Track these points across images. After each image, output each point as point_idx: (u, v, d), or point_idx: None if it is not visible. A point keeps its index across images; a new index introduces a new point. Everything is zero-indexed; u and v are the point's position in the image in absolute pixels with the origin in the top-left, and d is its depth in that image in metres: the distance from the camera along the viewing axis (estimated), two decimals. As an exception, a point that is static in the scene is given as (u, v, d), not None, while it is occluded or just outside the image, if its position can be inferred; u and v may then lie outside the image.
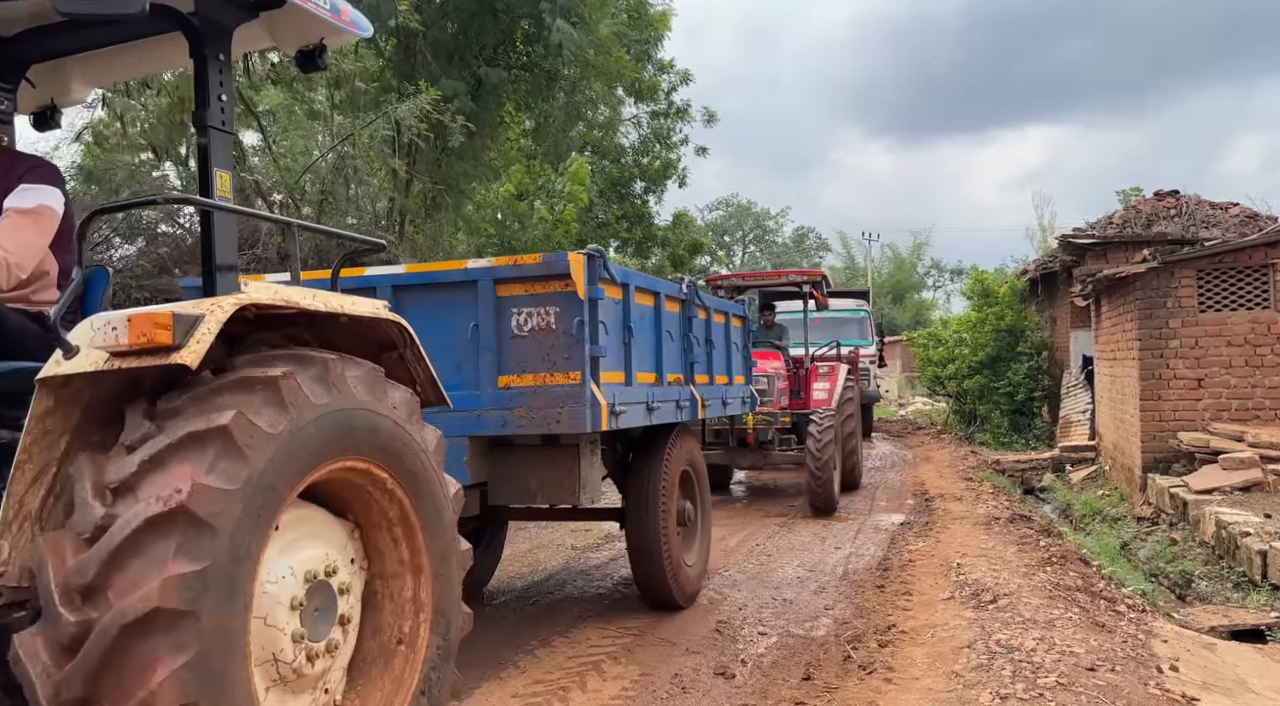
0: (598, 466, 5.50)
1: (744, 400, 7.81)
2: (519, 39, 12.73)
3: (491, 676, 4.92)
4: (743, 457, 10.79)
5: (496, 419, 4.83)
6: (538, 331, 4.81)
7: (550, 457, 5.22)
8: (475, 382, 4.88)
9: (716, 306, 7.19)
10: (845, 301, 20.92)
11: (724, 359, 7.32)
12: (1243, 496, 8.79)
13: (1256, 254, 10.47)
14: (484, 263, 4.97)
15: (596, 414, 4.74)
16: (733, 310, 7.74)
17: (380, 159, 10.92)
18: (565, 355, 4.75)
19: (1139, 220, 16.22)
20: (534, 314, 4.81)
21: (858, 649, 5.20)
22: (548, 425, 4.75)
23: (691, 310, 6.42)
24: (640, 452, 6.10)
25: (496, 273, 4.88)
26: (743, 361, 8.03)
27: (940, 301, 55.50)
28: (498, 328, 4.87)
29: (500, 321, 4.88)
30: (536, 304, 4.82)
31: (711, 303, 7.08)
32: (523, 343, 4.84)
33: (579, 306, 4.74)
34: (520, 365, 4.83)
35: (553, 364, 4.77)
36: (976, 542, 7.70)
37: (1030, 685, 4.08)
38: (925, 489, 11.65)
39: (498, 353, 4.87)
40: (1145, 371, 10.72)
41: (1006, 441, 18.07)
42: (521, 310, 4.84)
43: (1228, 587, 7.33)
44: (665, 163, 20.52)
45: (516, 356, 4.84)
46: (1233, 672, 5.04)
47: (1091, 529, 10.57)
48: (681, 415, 6.07)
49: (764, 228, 59.71)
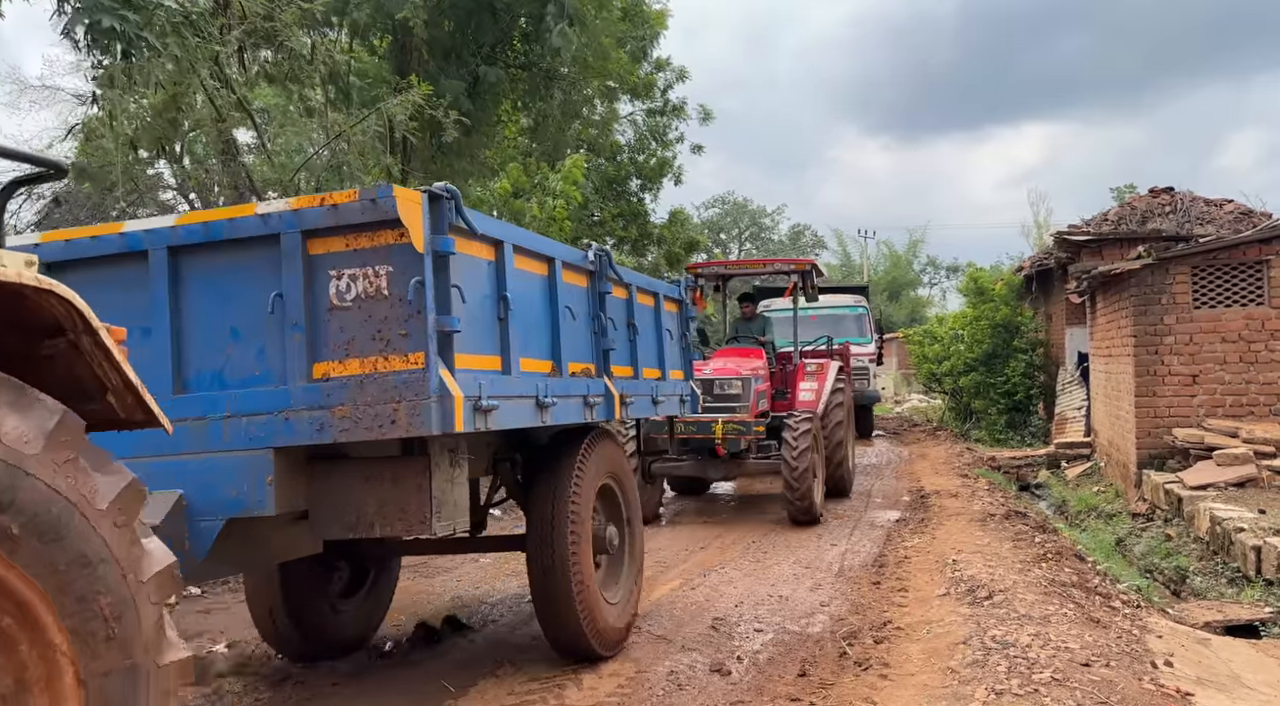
0: (461, 482, 4.20)
1: (682, 399, 6.65)
2: (516, 38, 12.73)
3: (488, 674, 4.92)
4: (714, 468, 9.77)
5: (310, 422, 3.61)
6: (365, 300, 3.62)
7: (390, 473, 3.97)
8: (281, 374, 3.70)
9: (642, 284, 6.07)
10: (843, 297, 20.12)
11: (653, 348, 6.19)
12: (1237, 492, 8.81)
13: (1251, 250, 10.48)
14: (283, 205, 3.73)
15: (448, 410, 3.57)
16: (664, 291, 6.49)
17: (375, 155, 10.91)
18: (402, 330, 3.57)
19: (1134, 217, 16.25)
20: (359, 277, 3.63)
21: (853, 645, 5.20)
22: (379, 427, 3.54)
23: (603, 285, 5.26)
24: (543, 463, 5.02)
25: (304, 219, 3.65)
26: (680, 354, 6.84)
27: (936, 299, 55.59)
28: (309, 297, 3.66)
29: (313, 288, 3.67)
30: (362, 262, 3.63)
31: (635, 279, 5.96)
32: (346, 316, 3.65)
33: (416, 263, 3.56)
34: (343, 347, 3.65)
35: (386, 343, 3.59)
36: (972, 539, 7.71)
37: (1025, 680, 4.08)
38: (921, 485, 11.66)
39: (310, 331, 3.67)
40: (1140, 368, 10.74)
41: (1002, 438, 18.10)
42: (342, 272, 3.64)
43: (1222, 583, 7.35)
44: (661, 161, 20.53)
45: (337, 335, 3.66)
46: (1227, 667, 5.05)
47: (1087, 525, 10.60)
48: (593, 414, 4.97)
49: (760, 225, 59.69)
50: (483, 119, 12.43)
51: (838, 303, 19.34)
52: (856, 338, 18.01)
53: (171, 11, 7.29)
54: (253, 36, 8.78)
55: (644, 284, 6.14)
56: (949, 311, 31.12)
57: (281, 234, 3.69)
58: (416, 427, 3.54)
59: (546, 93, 13.66)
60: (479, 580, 7.39)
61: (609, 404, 5.19)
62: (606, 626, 5.01)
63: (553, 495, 4.81)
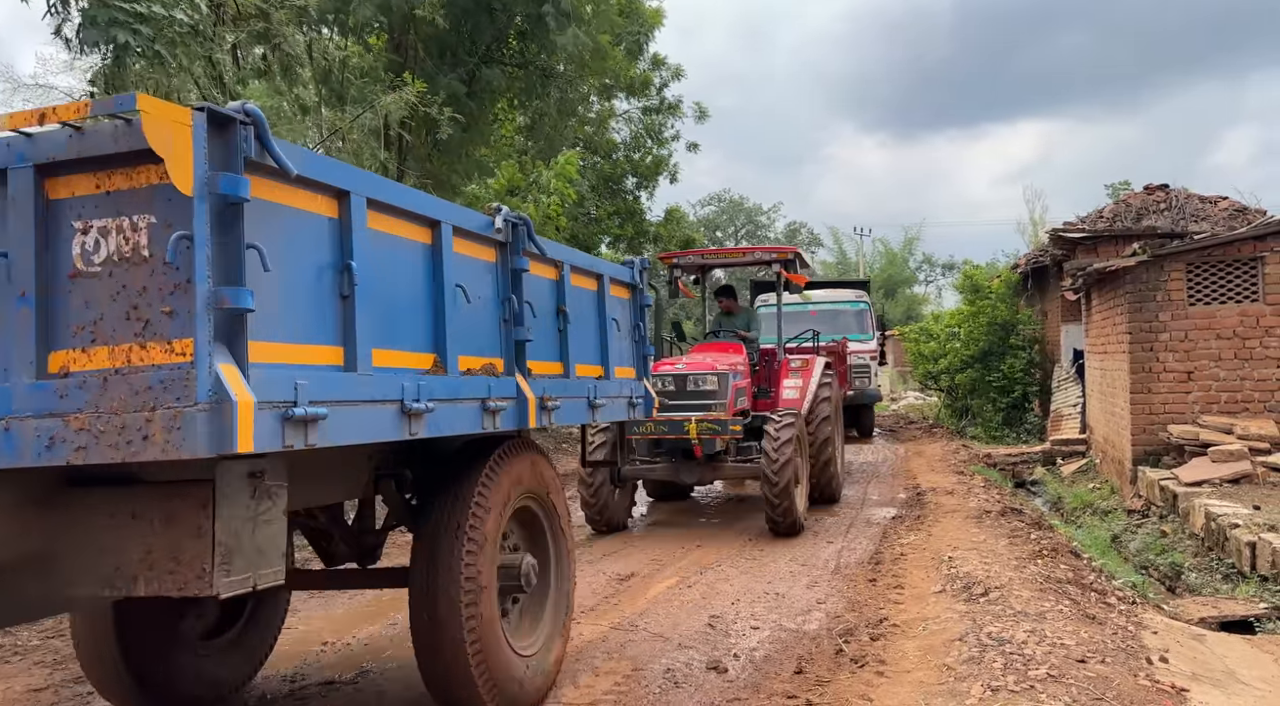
0: (270, 520, 3.04)
1: (632, 402, 5.57)
2: (513, 36, 12.74)
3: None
4: (689, 472, 9.10)
5: (37, 435, 2.57)
6: (120, 263, 2.62)
7: (161, 510, 2.85)
8: (2, 366, 2.70)
9: (580, 263, 5.02)
10: (844, 292, 19.38)
11: (593, 341, 5.17)
12: (1232, 488, 8.84)
13: (1245, 247, 10.51)
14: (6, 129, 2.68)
15: (225, 422, 2.51)
16: (611, 273, 5.42)
17: (369, 152, 10.90)
18: (165, 307, 2.57)
19: (1129, 214, 16.27)
20: (112, 230, 2.63)
21: (850, 642, 5.21)
22: (128, 445, 2.51)
23: (518, 261, 4.22)
24: (438, 482, 4.07)
25: (39, 148, 2.66)
26: (632, 348, 5.78)
27: (932, 296, 55.67)
28: (46, 258, 2.67)
29: (52, 246, 2.68)
30: (117, 210, 2.62)
31: (570, 256, 4.94)
32: (93, 286, 2.64)
33: (184, 210, 2.53)
34: (89, 330, 2.65)
35: (145, 326, 2.59)
36: (968, 536, 7.72)
37: (1021, 677, 4.09)
38: (917, 483, 11.67)
39: (44, 306, 2.67)
40: (1135, 365, 10.76)
41: (998, 435, 18.12)
42: (90, 223, 2.64)
43: (1217, 579, 7.37)
44: (657, 158, 20.56)
45: (81, 313, 2.65)
46: (1222, 663, 5.06)
47: (1082, 521, 10.62)
48: (496, 422, 3.91)
49: (756, 223, 59.79)
50: (479, 117, 12.44)
51: (838, 297, 18.80)
52: (857, 334, 17.57)
53: (180, 23, 7.39)
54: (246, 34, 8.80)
55: (582, 263, 5.09)
56: (945, 309, 31.15)
57: (8, 170, 2.68)
58: (176, 447, 2.47)
59: (543, 91, 13.68)
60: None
61: (520, 408, 4.12)
62: (516, 689, 4.03)
63: (445, 524, 3.83)
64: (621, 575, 7.18)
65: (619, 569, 7.40)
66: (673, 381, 8.86)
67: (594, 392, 4.96)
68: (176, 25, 7.37)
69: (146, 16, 6.91)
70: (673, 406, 8.71)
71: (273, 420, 2.67)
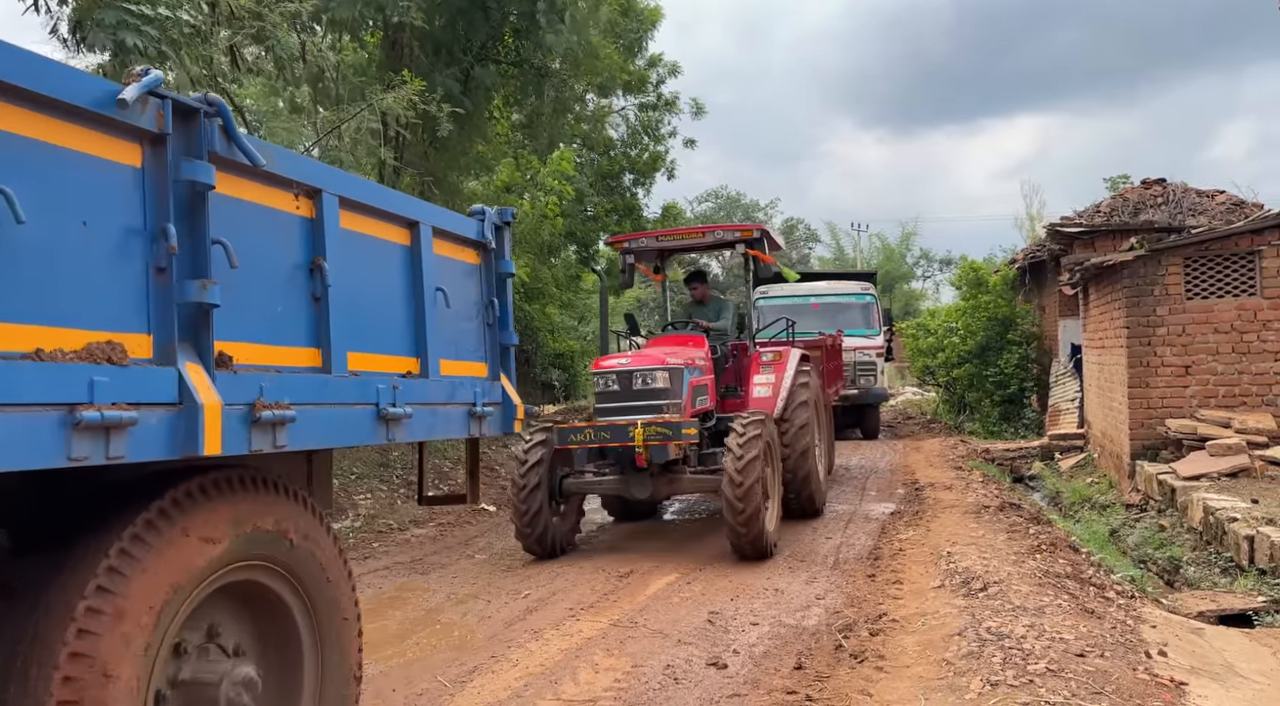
0: None
1: (474, 413, 4.03)
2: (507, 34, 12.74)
3: (485, 669, 4.93)
4: (640, 486, 7.68)
5: None
6: None
7: None
8: None
9: (365, 198, 3.40)
10: (848, 284, 18.37)
11: (401, 319, 3.66)
12: (1230, 482, 8.85)
13: (1243, 241, 10.51)
14: None
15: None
16: (437, 221, 3.89)
17: (367, 150, 10.90)
18: None
19: (1126, 208, 16.29)
20: None
21: (849, 637, 5.22)
22: None
23: (197, 172, 2.54)
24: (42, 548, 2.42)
25: None
26: (481, 334, 4.32)
27: (929, 291, 55.72)
28: None
29: None
30: None
31: (344, 184, 3.29)
32: None
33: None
34: None
35: None
36: (966, 531, 7.73)
37: (1020, 671, 4.10)
38: (915, 478, 11.69)
39: None
40: (1133, 359, 10.77)
41: (996, 430, 18.15)
42: None
43: (1215, 573, 7.38)
44: (654, 155, 20.55)
45: None
46: (1221, 657, 5.07)
47: (1080, 516, 10.63)
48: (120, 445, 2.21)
49: (753, 219, 59.76)
50: (475, 114, 12.44)
51: (842, 290, 17.79)
52: (863, 329, 16.69)
53: (184, 24, 7.44)
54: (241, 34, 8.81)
55: (372, 198, 3.46)
56: (942, 304, 31.17)
57: None
58: None
59: (538, 89, 13.67)
60: (473, 577, 7.37)
61: (191, 418, 2.42)
62: None
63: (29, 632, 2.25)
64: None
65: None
66: (616, 379, 7.69)
67: (394, 397, 3.35)
68: (181, 26, 7.41)
69: (152, 18, 6.96)
70: (616, 409, 7.62)
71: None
